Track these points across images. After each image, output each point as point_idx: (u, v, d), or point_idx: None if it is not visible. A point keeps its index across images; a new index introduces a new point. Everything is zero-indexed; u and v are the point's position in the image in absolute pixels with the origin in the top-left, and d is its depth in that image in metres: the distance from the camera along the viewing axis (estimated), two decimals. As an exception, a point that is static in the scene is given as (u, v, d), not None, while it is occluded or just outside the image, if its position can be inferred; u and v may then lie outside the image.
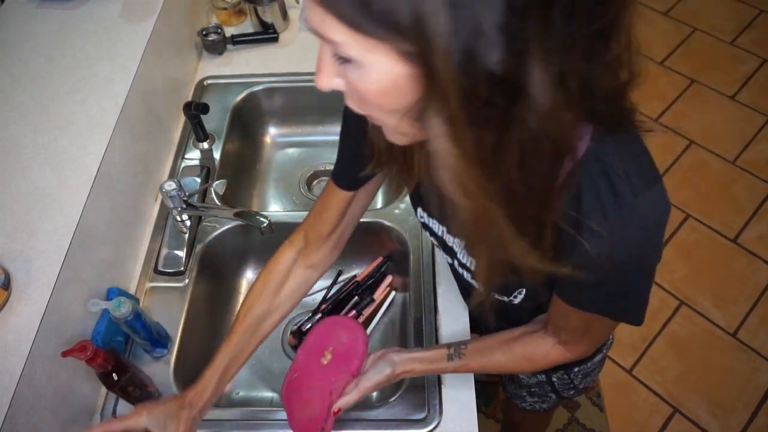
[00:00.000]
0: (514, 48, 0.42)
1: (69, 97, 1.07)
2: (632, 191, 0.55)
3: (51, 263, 0.87)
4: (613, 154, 0.55)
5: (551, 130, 0.47)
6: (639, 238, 0.57)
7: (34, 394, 0.80)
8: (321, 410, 0.84)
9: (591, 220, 0.55)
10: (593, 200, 0.55)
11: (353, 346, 0.87)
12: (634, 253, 0.58)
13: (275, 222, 1.05)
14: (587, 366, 1.00)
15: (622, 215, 0.55)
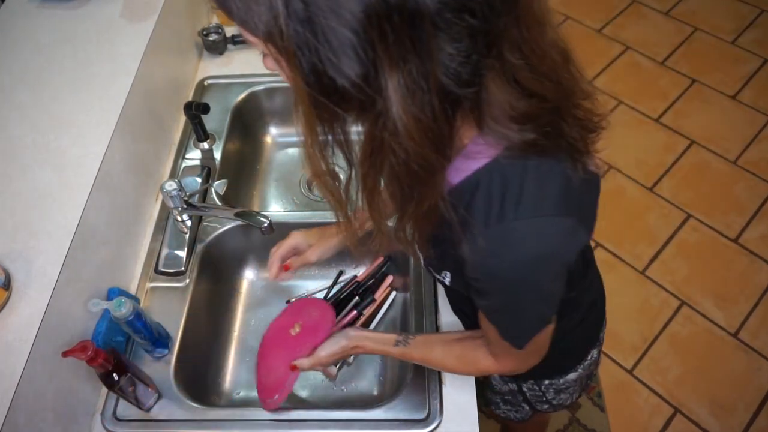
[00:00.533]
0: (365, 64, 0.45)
1: (69, 97, 1.07)
2: (516, 214, 0.56)
3: (51, 263, 0.87)
4: (518, 173, 0.57)
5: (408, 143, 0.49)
6: (511, 259, 0.58)
7: (35, 394, 0.80)
8: (285, 374, 0.92)
9: (474, 223, 0.58)
10: (482, 207, 0.58)
11: (321, 321, 0.95)
12: (507, 272, 0.59)
13: (276, 222, 1.05)
14: (560, 382, 0.99)
15: (500, 231, 0.57)
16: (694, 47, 2.69)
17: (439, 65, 0.47)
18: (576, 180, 0.59)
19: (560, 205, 0.58)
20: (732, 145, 2.35)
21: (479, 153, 0.58)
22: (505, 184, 0.57)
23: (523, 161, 0.57)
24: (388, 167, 0.52)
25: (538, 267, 0.60)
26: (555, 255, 0.60)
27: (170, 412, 0.95)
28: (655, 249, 2.10)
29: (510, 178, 0.57)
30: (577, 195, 0.60)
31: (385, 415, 0.93)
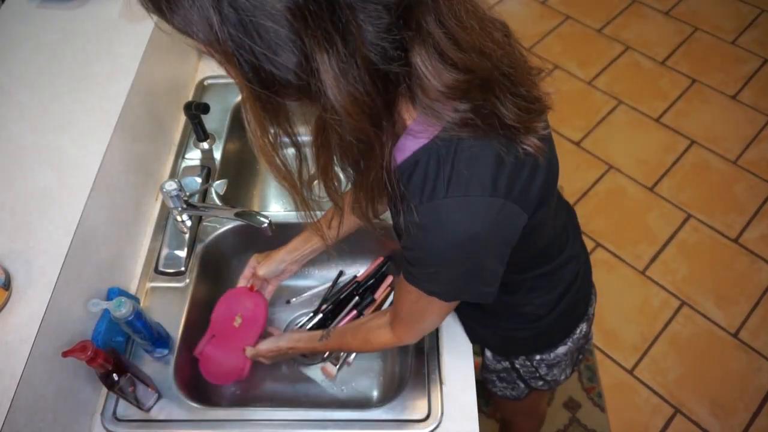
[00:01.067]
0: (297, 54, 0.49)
1: (69, 96, 1.07)
2: (446, 191, 0.60)
3: (51, 263, 0.87)
4: (452, 153, 0.60)
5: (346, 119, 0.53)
6: (438, 234, 0.62)
7: (35, 395, 0.80)
8: (239, 361, 1.04)
9: (411, 197, 0.62)
10: (418, 182, 0.62)
11: (257, 310, 1.10)
12: (436, 246, 0.64)
13: (276, 222, 1.05)
14: (550, 357, 1.01)
15: (431, 208, 0.61)
16: (694, 47, 2.69)
17: (364, 43, 0.50)
18: (509, 163, 0.62)
19: (489, 185, 0.61)
20: (732, 145, 2.35)
21: (420, 133, 0.61)
22: (439, 163, 0.61)
23: (457, 142, 0.60)
24: (334, 144, 0.57)
25: (465, 244, 0.63)
26: (480, 234, 0.63)
27: (170, 412, 0.95)
28: (655, 249, 2.10)
29: (444, 158, 0.61)
30: (510, 178, 0.62)
31: (385, 415, 0.94)
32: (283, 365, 1.16)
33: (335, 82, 0.50)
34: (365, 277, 1.20)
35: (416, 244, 0.66)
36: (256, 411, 0.96)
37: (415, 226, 0.63)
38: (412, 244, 0.66)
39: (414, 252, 0.68)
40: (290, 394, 1.13)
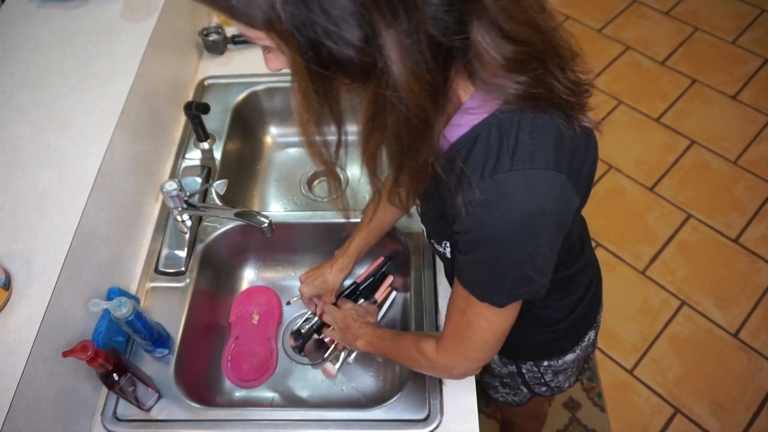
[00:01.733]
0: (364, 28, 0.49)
1: (70, 97, 1.07)
2: (511, 164, 0.59)
3: (52, 263, 0.87)
4: (514, 126, 0.59)
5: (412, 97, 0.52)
6: (503, 209, 0.60)
7: (35, 395, 0.80)
8: (266, 354, 1.14)
9: (471, 173, 0.60)
10: (480, 157, 0.60)
11: (271, 303, 1.20)
12: (499, 224, 0.60)
13: (276, 222, 1.05)
14: (558, 364, 1.01)
15: (494, 182, 0.59)
16: (695, 47, 2.69)
17: (426, 18, 0.50)
18: (569, 138, 0.61)
19: (553, 159, 0.60)
20: (732, 145, 2.35)
21: (477, 108, 0.60)
22: (501, 136, 0.59)
23: (519, 115, 0.59)
24: (391, 124, 0.55)
25: (529, 220, 0.61)
26: (546, 210, 0.61)
27: (170, 412, 0.95)
28: (655, 249, 2.10)
29: (506, 131, 0.59)
30: (569, 155, 0.62)
31: (385, 415, 0.93)
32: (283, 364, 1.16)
33: (400, 57, 0.50)
34: (365, 277, 1.20)
35: (477, 224, 0.62)
36: (256, 411, 0.96)
37: (476, 203, 0.60)
38: (470, 225, 0.62)
39: (473, 234, 0.63)
40: (290, 394, 1.13)
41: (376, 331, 0.99)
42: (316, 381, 1.14)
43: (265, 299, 1.22)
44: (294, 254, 1.28)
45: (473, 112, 0.61)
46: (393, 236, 1.18)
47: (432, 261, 1.11)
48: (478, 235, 0.63)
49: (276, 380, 1.14)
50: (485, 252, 0.64)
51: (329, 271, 1.08)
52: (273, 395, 1.13)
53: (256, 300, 1.22)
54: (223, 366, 1.13)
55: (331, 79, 0.53)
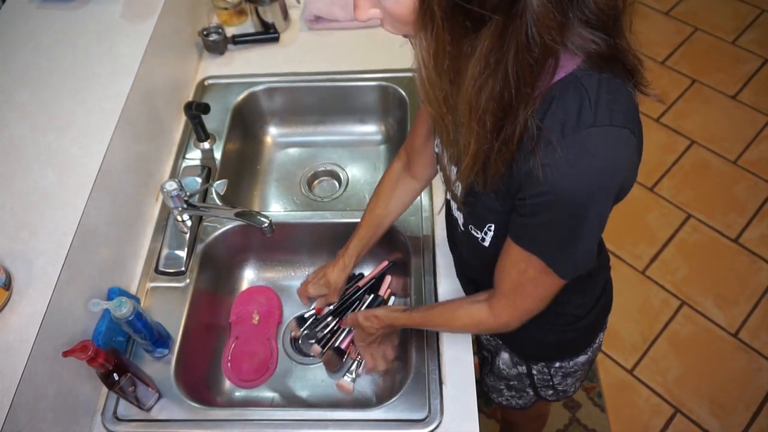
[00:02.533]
0: None
1: (70, 97, 1.07)
2: (594, 119, 0.58)
3: (52, 263, 0.87)
4: (594, 85, 0.59)
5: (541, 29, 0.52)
6: (584, 166, 0.59)
7: (35, 394, 0.80)
8: (266, 354, 1.14)
9: (550, 133, 0.59)
10: (558, 115, 0.59)
11: (272, 303, 1.21)
12: (578, 181, 0.60)
13: (276, 222, 1.05)
14: (569, 365, 1.01)
15: (577, 139, 0.58)
16: (694, 47, 2.69)
17: None
18: (636, 106, 0.62)
19: (630, 120, 0.60)
20: (732, 145, 2.35)
21: (558, 67, 0.59)
22: (581, 94, 0.59)
23: (598, 74, 0.59)
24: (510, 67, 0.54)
25: (607, 177, 0.61)
26: (621, 169, 0.61)
27: (170, 412, 0.95)
28: (655, 249, 2.10)
29: (586, 89, 0.59)
30: (638, 121, 0.62)
31: (385, 415, 0.94)
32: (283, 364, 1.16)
33: None
34: (367, 281, 1.20)
35: (553, 184, 0.60)
36: (256, 411, 0.96)
37: (555, 163, 0.58)
38: (546, 187, 0.60)
39: (547, 196, 0.61)
40: (290, 394, 1.13)
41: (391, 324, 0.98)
42: (316, 381, 1.14)
43: (265, 299, 1.22)
44: (294, 254, 1.29)
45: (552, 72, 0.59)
46: (394, 236, 1.18)
47: (433, 261, 1.11)
48: (553, 198, 0.61)
49: (276, 380, 1.14)
50: (559, 212, 0.63)
51: (331, 270, 1.09)
52: (273, 395, 1.13)
53: (257, 300, 1.22)
54: (223, 366, 1.13)
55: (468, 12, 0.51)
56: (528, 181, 0.62)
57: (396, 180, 1.03)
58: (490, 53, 0.54)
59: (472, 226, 0.79)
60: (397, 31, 0.61)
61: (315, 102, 1.45)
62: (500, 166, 0.64)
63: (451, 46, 0.54)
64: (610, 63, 0.60)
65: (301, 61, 1.44)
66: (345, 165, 1.43)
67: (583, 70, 0.59)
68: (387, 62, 1.39)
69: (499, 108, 0.58)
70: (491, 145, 0.61)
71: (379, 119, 1.47)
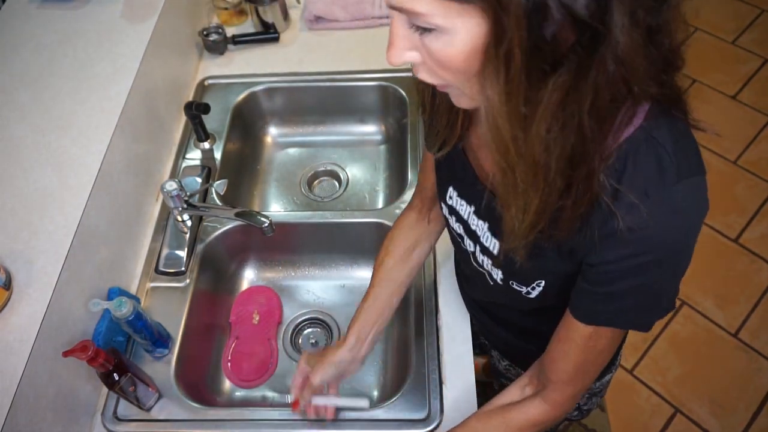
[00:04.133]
0: None
1: (70, 97, 1.07)
2: (678, 173, 0.54)
3: (52, 263, 0.87)
4: (665, 134, 0.55)
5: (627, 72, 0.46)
6: (676, 224, 0.56)
7: (35, 394, 0.80)
8: (266, 354, 1.15)
9: (631, 193, 0.54)
10: (637, 174, 0.54)
11: (272, 302, 1.21)
12: (671, 239, 0.56)
13: (276, 222, 1.05)
14: (595, 386, 0.99)
15: (664, 195, 0.54)
16: (695, 47, 2.69)
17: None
18: None
19: (703, 163, 0.57)
20: (732, 146, 2.35)
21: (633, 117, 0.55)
22: (655, 147, 0.54)
23: (666, 124, 0.55)
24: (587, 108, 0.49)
25: (694, 231, 0.58)
26: (705, 214, 0.58)
27: (170, 412, 0.95)
28: (655, 249, 2.09)
29: (659, 141, 0.55)
30: None
31: (385, 415, 0.94)
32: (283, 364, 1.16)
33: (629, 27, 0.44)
34: None
35: (642, 247, 0.56)
36: (256, 411, 0.96)
37: (639, 228, 0.54)
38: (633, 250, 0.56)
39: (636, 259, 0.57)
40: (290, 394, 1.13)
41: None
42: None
43: (265, 299, 1.22)
44: (294, 254, 1.29)
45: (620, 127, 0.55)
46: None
47: (433, 262, 1.11)
48: (643, 260, 0.57)
49: (276, 380, 1.14)
50: (651, 275, 0.59)
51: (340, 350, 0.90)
52: (273, 395, 1.13)
53: (257, 300, 1.22)
54: (223, 366, 1.14)
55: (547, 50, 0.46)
56: (609, 245, 0.57)
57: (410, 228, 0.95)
58: (564, 100, 0.48)
59: (515, 282, 0.73)
60: (433, 78, 0.54)
61: (315, 102, 1.45)
62: (573, 225, 0.57)
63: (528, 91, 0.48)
64: (672, 106, 0.56)
65: (301, 61, 1.44)
66: (345, 165, 1.43)
67: (650, 120, 0.55)
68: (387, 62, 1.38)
69: (571, 164, 0.52)
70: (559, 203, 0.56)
71: (379, 119, 1.47)
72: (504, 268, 0.72)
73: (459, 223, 0.79)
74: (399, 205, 1.18)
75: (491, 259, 0.74)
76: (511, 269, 0.71)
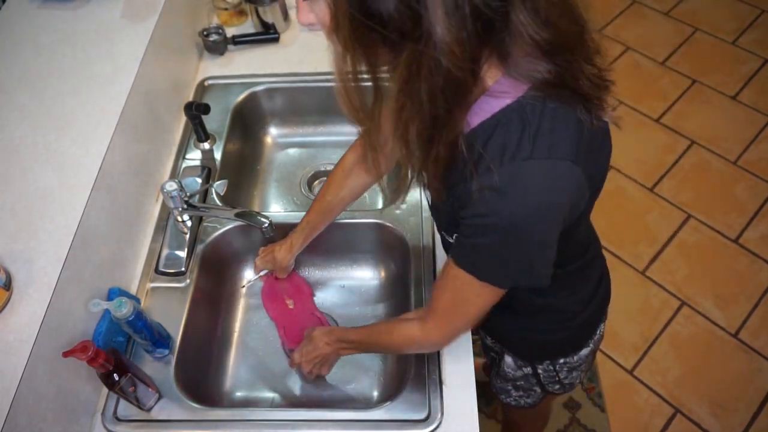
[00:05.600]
0: None
1: (70, 97, 1.07)
2: (531, 152, 0.59)
3: (52, 263, 0.87)
4: (538, 115, 0.60)
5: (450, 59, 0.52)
6: (521, 196, 0.60)
7: (35, 395, 0.80)
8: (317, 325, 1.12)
9: (491, 158, 0.60)
10: (499, 142, 0.60)
11: (295, 284, 1.23)
12: (513, 210, 0.61)
13: (276, 222, 1.05)
14: (573, 360, 1.02)
15: (513, 169, 0.59)
16: (694, 47, 2.69)
17: None
18: (587, 133, 0.62)
19: (572, 151, 0.60)
20: (732, 146, 2.35)
21: (503, 93, 0.60)
22: (524, 123, 0.59)
23: (543, 103, 0.60)
24: (424, 92, 0.55)
25: (542, 210, 0.61)
26: (560, 202, 0.62)
27: (170, 412, 0.95)
28: (655, 249, 2.10)
29: (529, 118, 0.59)
30: (586, 148, 0.62)
31: (385, 415, 0.94)
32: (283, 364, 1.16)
33: (445, 17, 0.51)
34: None
35: (489, 210, 0.62)
36: (256, 411, 0.96)
37: (491, 189, 0.60)
38: (482, 210, 0.62)
39: (483, 219, 0.63)
40: (290, 394, 1.13)
41: (345, 336, 0.98)
42: (316, 381, 1.14)
43: (288, 280, 1.22)
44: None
45: (498, 96, 0.61)
46: (393, 237, 1.18)
47: (432, 261, 1.11)
48: (489, 221, 0.63)
49: (276, 380, 1.14)
50: (493, 238, 0.64)
51: (278, 249, 1.12)
52: (273, 395, 1.13)
53: (280, 288, 1.21)
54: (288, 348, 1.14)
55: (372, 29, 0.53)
56: (469, 201, 0.63)
57: (349, 171, 1.04)
58: (405, 75, 0.55)
59: (444, 232, 0.82)
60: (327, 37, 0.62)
61: (315, 102, 1.45)
62: (435, 182, 0.66)
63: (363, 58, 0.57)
64: (558, 90, 0.60)
65: (301, 62, 1.44)
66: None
67: (529, 98, 0.60)
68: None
69: (423, 127, 0.59)
70: (421, 161, 0.63)
71: (379, 119, 1.47)
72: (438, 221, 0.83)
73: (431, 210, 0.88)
74: (399, 205, 1.18)
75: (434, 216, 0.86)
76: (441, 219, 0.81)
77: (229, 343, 1.19)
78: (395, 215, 1.17)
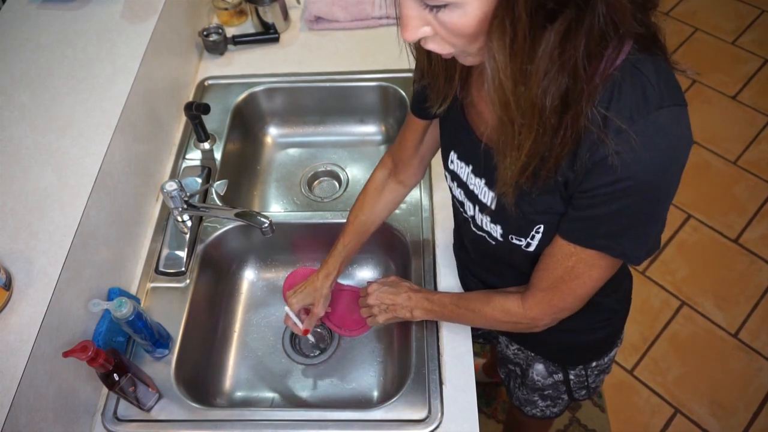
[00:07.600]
0: None
1: (70, 97, 1.07)
2: (660, 100, 0.58)
3: (52, 263, 0.87)
4: (648, 67, 0.59)
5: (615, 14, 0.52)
6: (661, 146, 0.59)
7: (36, 395, 0.80)
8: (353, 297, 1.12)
9: (619, 119, 0.58)
10: (624, 102, 0.59)
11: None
12: (656, 163, 0.59)
13: (276, 222, 1.05)
14: (603, 362, 1.02)
15: (648, 120, 0.58)
16: (695, 47, 2.69)
17: None
18: None
19: (683, 97, 0.61)
20: (732, 145, 2.35)
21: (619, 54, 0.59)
22: (641, 78, 0.59)
23: (645, 57, 0.60)
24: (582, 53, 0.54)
25: (680, 155, 0.61)
26: (690, 143, 0.62)
27: (170, 412, 0.95)
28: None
29: (644, 72, 0.59)
30: None
31: (385, 415, 0.94)
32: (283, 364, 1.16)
33: None
34: None
35: (630, 171, 0.59)
36: (256, 411, 0.96)
37: (626, 152, 0.58)
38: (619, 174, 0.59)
39: (621, 183, 0.60)
40: (290, 394, 1.13)
41: (432, 296, 0.96)
42: (316, 381, 1.14)
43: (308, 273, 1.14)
44: (294, 254, 1.29)
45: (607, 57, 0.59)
46: (393, 236, 1.18)
47: (432, 261, 1.11)
48: (631, 182, 0.60)
49: (276, 380, 1.14)
50: (635, 198, 0.62)
51: (315, 278, 1.04)
52: (273, 395, 1.13)
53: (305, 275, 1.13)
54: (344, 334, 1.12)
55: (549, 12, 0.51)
56: (598, 170, 0.61)
57: (381, 187, 1.03)
58: (562, 48, 0.53)
59: (513, 236, 0.77)
60: (444, 48, 0.59)
61: (315, 102, 1.45)
62: (560, 162, 0.62)
63: (531, 49, 0.53)
64: (652, 44, 0.60)
65: (301, 62, 1.44)
66: (345, 165, 1.43)
67: (634, 54, 0.59)
68: (387, 62, 1.39)
69: (563, 104, 0.57)
70: (550, 143, 0.60)
71: (379, 119, 1.47)
72: (502, 222, 0.77)
73: (460, 188, 0.84)
74: (399, 206, 1.18)
75: (489, 216, 0.79)
76: (508, 221, 0.76)
77: (229, 343, 1.19)
78: (395, 215, 1.17)
